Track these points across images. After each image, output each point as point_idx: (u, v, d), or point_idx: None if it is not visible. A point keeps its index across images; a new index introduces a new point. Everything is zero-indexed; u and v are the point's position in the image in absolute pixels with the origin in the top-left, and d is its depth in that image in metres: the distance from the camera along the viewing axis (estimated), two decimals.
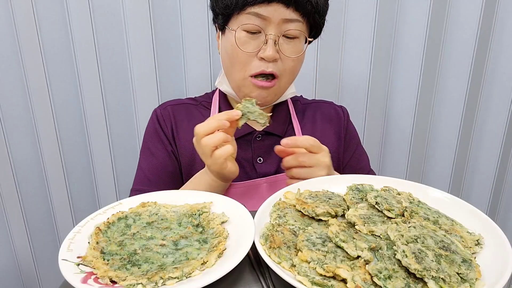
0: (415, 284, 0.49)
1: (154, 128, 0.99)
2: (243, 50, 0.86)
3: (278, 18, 0.83)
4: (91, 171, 1.38)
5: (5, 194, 1.28)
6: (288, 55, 0.86)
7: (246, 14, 0.84)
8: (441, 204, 0.69)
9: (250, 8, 0.83)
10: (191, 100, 1.05)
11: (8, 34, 1.17)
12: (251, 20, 0.84)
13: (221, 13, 0.89)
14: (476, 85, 1.38)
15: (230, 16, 0.87)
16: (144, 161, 0.99)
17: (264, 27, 0.84)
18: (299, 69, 0.93)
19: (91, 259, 0.56)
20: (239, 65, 0.88)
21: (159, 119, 0.99)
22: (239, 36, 0.86)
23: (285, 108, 1.02)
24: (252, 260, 0.60)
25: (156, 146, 0.98)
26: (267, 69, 0.86)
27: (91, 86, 1.26)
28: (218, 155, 0.75)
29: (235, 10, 0.85)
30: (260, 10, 0.82)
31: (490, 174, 1.49)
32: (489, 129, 1.45)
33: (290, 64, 0.88)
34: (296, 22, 0.85)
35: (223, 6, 0.87)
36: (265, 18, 0.83)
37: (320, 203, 0.67)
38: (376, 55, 1.30)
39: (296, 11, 0.84)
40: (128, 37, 1.23)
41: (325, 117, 1.05)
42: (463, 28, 1.30)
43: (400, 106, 1.39)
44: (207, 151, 0.75)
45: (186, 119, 0.99)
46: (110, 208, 0.70)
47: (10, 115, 1.24)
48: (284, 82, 0.91)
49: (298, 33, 0.86)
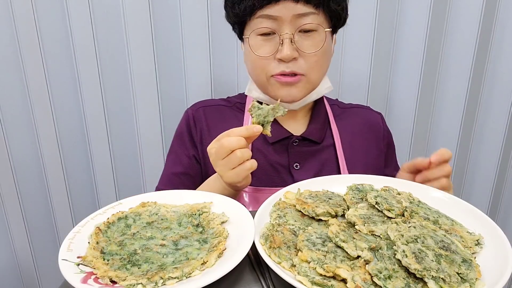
0: (415, 284, 0.49)
1: (182, 130, 0.98)
2: (259, 55, 0.84)
3: (290, 15, 0.80)
4: (91, 171, 1.38)
5: (5, 194, 1.28)
6: (307, 51, 0.83)
7: (257, 18, 0.83)
8: (441, 204, 0.69)
9: (260, 11, 0.82)
10: (224, 101, 1.02)
11: (8, 34, 1.17)
12: (263, 23, 0.82)
13: (234, 22, 0.89)
14: (476, 85, 1.38)
15: (244, 24, 0.87)
16: (169, 162, 0.99)
17: (277, 27, 0.82)
18: (326, 61, 0.90)
19: (91, 259, 0.56)
20: (259, 70, 0.87)
21: (189, 121, 0.98)
22: (254, 42, 0.85)
23: (323, 112, 0.98)
24: (252, 260, 0.60)
25: (181, 149, 0.97)
26: (286, 70, 0.83)
27: (91, 86, 1.26)
28: (246, 168, 0.72)
29: (246, 17, 0.85)
30: (270, 11, 0.81)
31: (490, 174, 1.49)
32: (489, 129, 1.45)
33: (312, 59, 0.84)
34: (310, 15, 0.81)
35: (234, 15, 0.87)
36: (276, 18, 0.81)
37: (320, 203, 0.67)
38: (376, 55, 1.30)
39: (307, 4, 0.81)
40: (128, 37, 1.23)
41: (364, 126, 1.01)
42: (463, 28, 1.29)
43: (400, 106, 1.39)
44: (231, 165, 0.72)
45: (219, 122, 0.96)
46: (110, 208, 0.70)
47: (10, 115, 1.24)
48: (314, 77, 0.87)
49: (315, 26, 0.83)
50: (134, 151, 1.36)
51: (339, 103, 1.06)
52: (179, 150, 0.97)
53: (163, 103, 1.31)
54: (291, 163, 0.92)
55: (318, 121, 0.96)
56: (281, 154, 0.92)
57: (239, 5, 0.84)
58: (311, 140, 0.93)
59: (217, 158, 0.73)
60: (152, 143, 1.34)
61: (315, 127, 0.95)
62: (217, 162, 0.74)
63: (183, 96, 1.32)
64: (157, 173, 1.39)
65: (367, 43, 1.29)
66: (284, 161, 0.92)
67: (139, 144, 1.35)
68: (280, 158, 0.92)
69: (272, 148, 0.93)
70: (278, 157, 0.92)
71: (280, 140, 0.92)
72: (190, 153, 0.96)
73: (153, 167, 1.37)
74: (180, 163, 0.96)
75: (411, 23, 1.28)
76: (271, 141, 0.92)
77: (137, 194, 0.74)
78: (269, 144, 0.93)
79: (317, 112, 0.97)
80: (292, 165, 0.92)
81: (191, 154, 0.96)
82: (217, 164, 0.74)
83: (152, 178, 1.39)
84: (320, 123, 0.96)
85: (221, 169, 0.74)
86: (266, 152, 0.93)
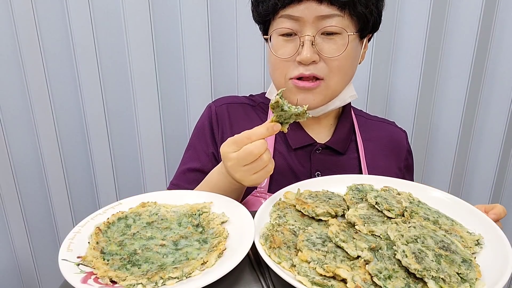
0: (415, 284, 0.49)
1: (202, 125, 0.95)
2: (279, 57, 0.82)
3: (312, 16, 0.77)
4: (91, 171, 1.38)
5: (5, 194, 1.28)
6: (328, 55, 0.79)
7: (279, 18, 0.81)
8: (441, 204, 0.69)
9: (282, 11, 0.79)
10: (249, 100, 1.00)
11: (8, 34, 1.17)
12: (284, 23, 0.80)
13: (259, 22, 0.87)
14: (476, 85, 1.38)
15: (268, 24, 0.85)
16: (187, 157, 0.96)
17: (299, 28, 0.79)
18: (350, 67, 0.85)
19: (91, 259, 0.56)
20: (278, 71, 0.84)
21: (212, 117, 0.95)
22: (275, 42, 0.82)
23: (349, 122, 0.95)
24: (252, 260, 0.60)
25: (200, 144, 0.95)
26: (305, 72, 0.80)
27: (91, 86, 1.26)
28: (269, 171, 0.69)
29: (269, 16, 0.83)
30: (292, 11, 0.78)
31: (490, 174, 1.49)
32: (489, 129, 1.44)
33: (334, 63, 0.80)
34: (334, 17, 0.78)
35: (258, 15, 0.85)
36: (297, 18, 0.78)
37: (320, 203, 0.67)
38: (376, 55, 1.30)
39: (331, 5, 0.77)
40: (128, 37, 1.23)
41: (388, 142, 0.98)
42: (463, 28, 1.29)
43: (400, 106, 1.39)
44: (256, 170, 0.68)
45: (242, 120, 0.94)
46: (110, 208, 0.70)
47: (10, 115, 1.24)
48: (334, 82, 0.83)
49: (338, 29, 0.78)
50: (134, 151, 1.36)
51: (365, 114, 1.04)
52: (198, 145, 0.95)
53: (163, 103, 1.31)
54: (312, 171, 0.89)
55: (344, 130, 0.93)
56: (303, 161, 0.90)
57: (263, 4, 0.82)
58: (334, 149, 0.91)
59: (240, 164, 0.67)
60: (152, 143, 1.34)
61: (340, 136, 0.92)
62: (239, 168, 0.68)
63: (183, 96, 1.32)
64: (157, 173, 1.40)
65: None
66: (305, 168, 0.90)
67: (139, 144, 1.35)
68: (302, 164, 0.90)
69: (294, 154, 0.91)
70: (300, 164, 0.90)
71: (303, 146, 0.90)
72: (209, 150, 0.93)
73: (153, 167, 1.37)
74: (198, 159, 0.93)
75: (411, 23, 1.28)
76: (294, 146, 0.90)
77: (137, 194, 0.74)
78: (291, 149, 0.90)
79: (343, 121, 0.94)
80: (313, 172, 0.89)
81: (210, 151, 0.93)
82: (239, 169, 0.68)
83: (152, 178, 1.39)
84: (345, 133, 0.93)
85: (243, 174, 0.69)
86: (288, 157, 0.90)
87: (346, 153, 0.93)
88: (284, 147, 0.91)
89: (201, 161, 0.93)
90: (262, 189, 0.89)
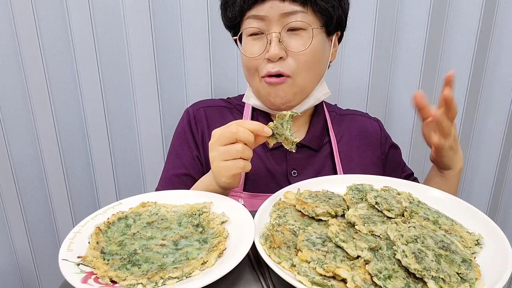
0: (415, 284, 0.49)
1: (183, 130, 0.97)
2: (249, 56, 0.84)
3: (277, 14, 0.80)
4: (91, 171, 1.38)
5: (5, 194, 1.28)
6: (294, 50, 0.82)
7: (247, 19, 0.84)
8: (441, 204, 0.69)
9: (249, 12, 0.83)
10: (225, 102, 1.01)
11: (8, 34, 1.17)
12: (251, 24, 0.83)
13: (229, 27, 0.90)
14: (476, 85, 1.38)
15: (237, 27, 0.88)
16: (170, 162, 0.97)
17: (265, 27, 0.82)
18: (317, 64, 0.86)
19: (91, 259, 0.56)
20: (250, 71, 0.87)
21: (190, 120, 0.96)
22: (245, 42, 0.85)
23: (322, 119, 0.97)
24: (252, 260, 0.60)
25: (183, 149, 0.95)
26: (272, 70, 0.82)
27: (91, 86, 1.26)
28: (238, 166, 0.69)
29: (236, 20, 0.86)
30: (257, 11, 0.81)
31: (490, 174, 1.49)
32: (489, 129, 1.45)
33: (301, 59, 0.82)
34: (298, 13, 0.80)
35: (227, 20, 0.88)
36: (263, 18, 0.81)
37: (320, 203, 0.67)
38: (376, 55, 1.30)
39: (294, 2, 0.80)
40: (128, 37, 1.23)
41: (360, 133, 1.00)
42: (463, 28, 1.30)
43: (400, 106, 1.39)
44: (227, 156, 0.69)
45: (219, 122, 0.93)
46: (110, 208, 0.70)
47: (10, 115, 1.24)
48: (301, 79, 0.84)
49: (302, 25, 0.81)
50: (134, 151, 1.36)
51: (337, 109, 1.05)
52: (181, 150, 0.96)
53: (163, 103, 1.31)
54: (289, 170, 0.91)
55: (317, 127, 0.95)
56: (280, 160, 0.92)
57: (231, 8, 0.85)
58: (309, 147, 0.93)
59: (217, 142, 0.70)
60: (152, 143, 1.34)
61: (314, 134, 0.94)
62: (215, 146, 0.70)
63: (183, 96, 1.32)
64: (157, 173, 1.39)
65: (367, 44, 1.29)
66: (282, 168, 0.92)
67: (139, 144, 1.35)
68: (278, 164, 0.92)
69: (271, 154, 0.92)
70: (276, 164, 0.92)
71: (279, 147, 0.91)
72: (194, 154, 0.94)
73: (153, 167, 1.37)
74: (182, 164, 0.94)
75: (411, 23, 1.28)
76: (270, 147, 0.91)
77: (137, 194, 0.74)
78: (268, 150, 0.92)
79: (316, 119, 0.96)
80: (290, 172, 0.91)
81: (194, 154, 0.94)
82: (214, 148, 0.70)
83: (152, 178, 1.39)
84: (319, 130, 0.95)
85: (214, 156, 0.70)
86: (264, 158, 0.92)
87: (321, 150, 0.94)
88: (260, 148, 0.92)
89: (186, 166, 0.94)
90: (237, 189, 0.90)
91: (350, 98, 1.35)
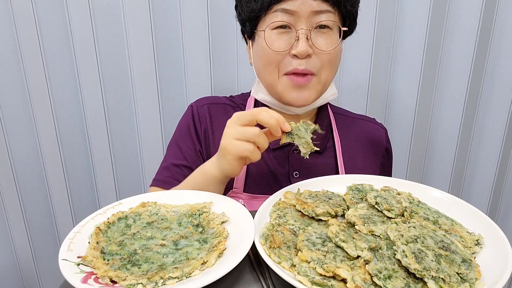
0: (415, 284, 0.49)
1: (187, 124, 0.96)
2: (274, 50, 0.82)
3: (307, 11, 0.79)
4: (91, 171, 1.38)
5: (5, 194, 1.28)
6: (322, 48, 0.81)
7: (273, 12, 0.81)
8: (441, 204, 0.69)
9: (277, 5, 0.80)
10: (229, 100, 1.01)
11: (8, 34, 1.17)
12: (279, 17, 0.81)
13: (248, 18, 0.86)
14: (476, 85, 1.38)
15: (257, 19, 0.85)
16: (171, 154, 0.96)
17: (293, 22, 0.80)
18: (338, 63, 0.88)
19: (91, 259, 0.56)
20: (271, 66, 0.84)
21: (194, 115, 0.95)
22: (269, 35, 0.82)
23: (326, 121, 0.96)
24: (252, 260, 0.60)
25: (185, 142, 0.95)
26: (299, 67, 0.81)
27: (91, 86, 1.26)
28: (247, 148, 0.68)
29: (261, 12, 0.83)
30: (287, 5, 0.79)
31: (490, 174, 1.49)
32: (489, 129, 1.45)
33: (326, 58, 0.83)
34: (326, 13, 0.81)
35: (249, 10, 0.84)
36: (293, 13, 0.80)
37: (320, 203, 0.67)
38: (376, 55, 1.30)
39: (325, 1, 0.80)
40: (128, 37, 1.23)
41: (366, 139, 0.99)
42: (463, 28, 1.30)
43: (400, 106, 1.39)
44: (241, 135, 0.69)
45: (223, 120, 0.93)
46: (110, 208, 0.70)
47: (10, 115, 1.24)
48: (324, 77, 0.85)
49: (331, 24, 0.82)
50: (134, 151, 1.36)
51: (344, 112, 1.04)
52: (183, 143, 0.95)
53: (163, 103, 1.31)
54: (291, 171, 0.91)
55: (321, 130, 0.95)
56: (282, 161, 0.91)
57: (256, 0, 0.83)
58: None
59: (235, 122, 0.70)
60: (152, 143, 1.34)
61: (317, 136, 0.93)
62: (232, 124, 0.71)
63: (183, 96, 1.32)
64: None
65: (367, 43, 1.29)
66: (284, 169, 0.91)
67: (139, 144, 1.35)
68: (280, 165, 0.91)
69: (273, 155, 0.92)
70: (278, 164, 0.91)
71: (281, 147, 0.91)
72: (196, 148, 0.93)
73: (153, 167, 1.36)
74: (183, 156, 0.93)
75: (411, 23, 1.28)
76: (273, 147, 0.91)
77: (137, 194, 0.74)
78: (270, 150, 0.92)
79: (321, 121, 0.95)
80: (291, 173, 0.91)
81: (197, 149, 0.94)
82: (230, 126, 0.71)
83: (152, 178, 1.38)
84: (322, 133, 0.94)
85: (229, 132, 0.71)
86: (267, 159, 0.92)
87: (324, 153, 0.94)
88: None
89: (187, 158, 0.93)
90: (237, 189, 0.90)
91: (350, 98, 1.35)
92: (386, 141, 1.02)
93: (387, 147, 1.02)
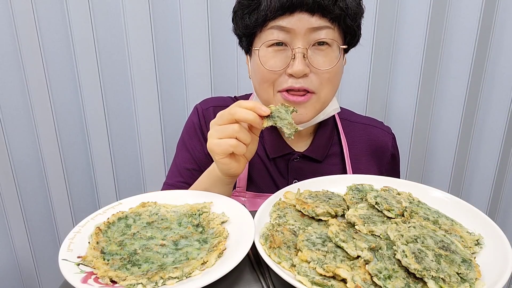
0: (415, 284, 0.49)
1: (193, 125, 0.94)
2: (269, 69, 0.78)
3: (304, 28, 0.75)
4: (91, 171, 1.38)
5: (5, 194, 1.28)
6: (320, 67, 0.78)
7: (268, 29, 0.78)
8: (441, 204, 0.69)
9: (272, 22, 0.76)
10: (233, 101, 0.96)
11: (8, 34, 1.17)
12: (274, 35, 0.77)
13: (243, 34, 0.83)
14: (476, 85, 1.38)
15: (253, 36, 0.82)
16: (180, 157, 0.95)
17: (289, 40, 0.76)
18: (339, 79, 0.84)
19: (91, 259, 0.56)
20: (265, 84, 0.81)
21: (200, 118, 0.94)
22: (264, 54, 0.79)
23: (329, 129, 0.94)
24: (252, 260, 0.60)
25: (193, 144, 0.94)
26: (295, 85, 0.78)
27: (91, 86, 1.26)
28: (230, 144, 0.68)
29: (256, 28, 0.79)
30: (283, 22, 0.75)
31: (490, 174, 1.49)
32: (489, 129, 1.45)
33: (325, 76, 0.79)
34: (325, 29, 0.76)
35: (244, 26, 0.81)
36: (289, 30, 0.76)
37: (320, 203, 0.67)
38: (376, 55, 1.30)
39: (323, 18, 0.75)
40: (128, 37, 1.23)
41: (372, 145, 0.97)
42: (463, 28, 1.30)
43: (400, 106, 1.39)
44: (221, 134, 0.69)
45: None
46: (110, 208, 0.70)
47: (10, 115, 1.25)
48: (324, 95, 0.82)
49: (330, 41, 0.78)
50: (134, 151, 1.36)
51: (350, 116, 1.01)
52: (192, 146, 0.94)
53: (163, 103, 1.31)
54: (290, 179, 0.91)
55: (322, 139, 0.93)
56: (281, 169, 0.91)
57: (250, 15, 0.79)
58: (312, 158, 0.91)
59: (215, 122, 0.71)
60: (152, 143, 1.35)
61: (318, 145, 0.92)
62: (213, 125, 0.71)
63: (183, 96, 1.32)
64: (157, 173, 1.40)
65: (367, 43, 1.29)
66: (283, 176, 0.91)
67: (139, 144, 1.35)
68: (280, 172, 0.91)
69: (274, 162, 0.92)
70: (278, 172, 0.91)
71: (282, 155, 0.90)
72: (205, 150, 0.91)
73: (153, 167, 1.37)
74: (193, 159, 0.93)
75: (411, 23, 1.28)
76: (272, 156, 0.90)
77: (137, 194, 0.74)
78: (270, 159, 0.92)
79: (322, 131, 0.93)
80: (291, 181, 0.90)
81: (206, 151, 0.90)
82: (212, 127, 0.71)
83: (152, 178, 1.39)
84: (324, 141, 0.93)
85: (211, 133, 0.71)
86: (267, 165, 0.92)
87: (326, 160, 0.92)
88: (264, 154, 0.92)
89: (197, 161, 0.93)
90: (240, 188, 0.90)
91: (350, 98, 1.35)
92: (392, 147, 0.99)
93: (393, 154, 0.99)
